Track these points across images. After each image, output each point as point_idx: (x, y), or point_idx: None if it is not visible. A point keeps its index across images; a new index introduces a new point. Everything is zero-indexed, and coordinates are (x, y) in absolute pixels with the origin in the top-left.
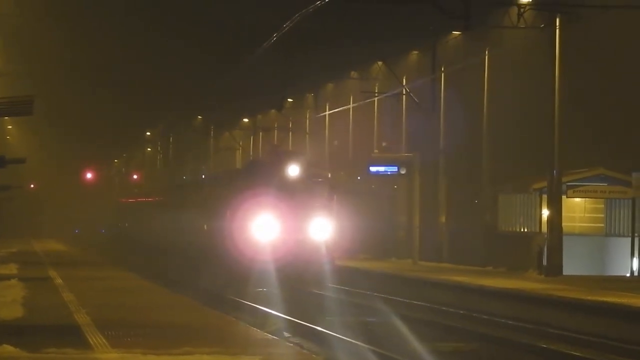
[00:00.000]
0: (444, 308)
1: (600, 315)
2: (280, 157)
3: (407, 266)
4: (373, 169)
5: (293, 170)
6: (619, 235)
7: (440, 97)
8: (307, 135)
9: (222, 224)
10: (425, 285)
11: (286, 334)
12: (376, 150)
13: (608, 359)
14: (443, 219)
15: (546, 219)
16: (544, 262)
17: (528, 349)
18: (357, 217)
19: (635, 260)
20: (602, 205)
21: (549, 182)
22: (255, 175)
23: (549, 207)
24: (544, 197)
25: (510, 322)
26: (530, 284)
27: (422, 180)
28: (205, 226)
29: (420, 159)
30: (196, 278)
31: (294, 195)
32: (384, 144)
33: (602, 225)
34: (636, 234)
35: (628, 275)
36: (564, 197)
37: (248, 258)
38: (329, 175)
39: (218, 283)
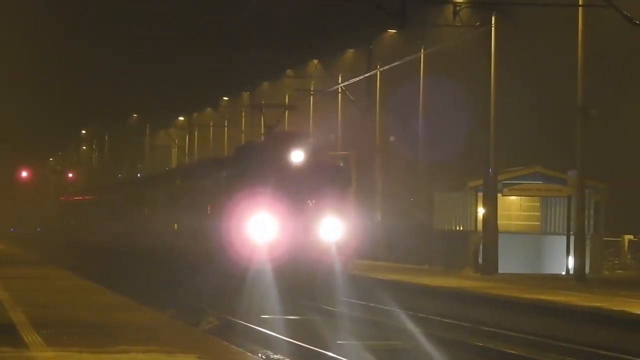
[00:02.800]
0: (377, 306)
1: (536, 313)
2: (279, 140)
3: None
4: None
5: (295, 155)
6: (555, 234)
7: (376, 95)
8: (242, 134)
9: (201, 223)
10: (359, 283)
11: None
12: None
13: (543, 356)
14: (379, 216)
15: (482, 217)
16: (480, 261)
17: (463, 347)
18: None
19: (570, 259)
20: (538, 204)
21: (484, 180)
22: (247, 163)
23: (484, 206)
24: (480, 195)
25: (445, 320)
26: (466, 282)
27: (359, 178)
28: (175, 226)
29: (357, 157)
30: (143, 280)
31: (296, 187)
32: (391, 138)
33: (538, 223)
34: (572, 233)
35: (563, 273)
36: (499, 195)
37: (233, 261)
38: (342, 164)
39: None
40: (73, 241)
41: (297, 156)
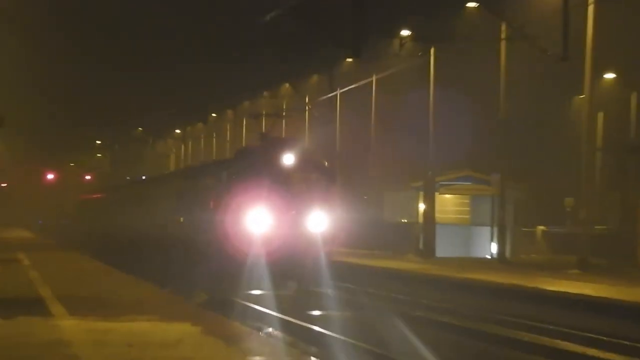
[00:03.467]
0: (338, 284)
1: (464, 289)
2: (273, 144)
3: None
4: None
5: (287, 157)
6: (482, 225)
7: (337, 112)
8: (227, 143)
9: (206, 217)
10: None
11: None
12: None
13: (467, 324)
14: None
15: (422, 211)
16: (420, 247)
17: (403, 316)
18: None
19: (494, 245)
20: (468, 200)
21: (424, 182)
22: (245, 163)
23: (424, 202)
24: (421, 193)
25: (392, 294)
26: (410, 264)
27: None
28: (181, 219)
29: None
30: (149, 264)
31: (287, 185)
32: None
33: (468, 216)
34: (494, 224)
35: (488, 257)
36: (437, 193)
37: (236, 252)
38: (326, 164)
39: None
40: (91, 232)
41: (288, 157)
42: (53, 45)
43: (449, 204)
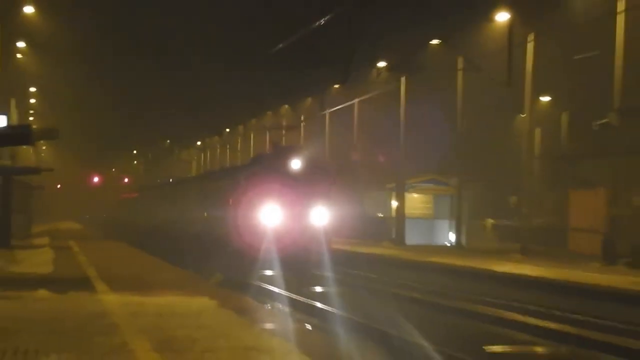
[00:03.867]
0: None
1: (429, 270)
2: (283, 151)
3: None
4: None
5: (294, 162)
6: (442, 219)
7: (326, 130)
8: (238, 153)
9: (227, 212)
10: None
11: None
12: None
13: (431, 298)
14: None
15: (395, 208)
16: (393, 236)
17: (379, 292)
18: None
19: (452, 235)
20: (431, 198)
21: (396, 184)
22: (259, 167)
23: (397, 200)
24: (394, 193)
25: (370, 275)
26: (384, 250)
27: None
28: (205, 213)
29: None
30: (177, 251)
31: (297, 185)
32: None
33: (431, 211)
34: (453, 218)
35: (447, 244)
36: (406, 193)
37: (251, 241)
38: (329, 168)
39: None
40: (128, 225)
41: (295, 162)
42: (96, 69)
43: (416, 201)
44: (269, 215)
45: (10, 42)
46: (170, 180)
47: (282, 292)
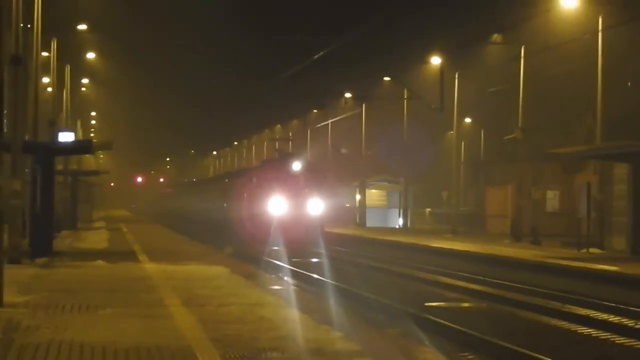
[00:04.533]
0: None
1: (384, 245)
2: (286, 157)
3: None
4: None
5: (296, 164)
6: (393, 208)
7: (307, 144)
8: (244, 160)
9: (242, 203)
10: None
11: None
12: None
13: (386, 266)
14: None
15: (358, 200)
16: (357, 221)
17: (349, 262)
18: None
19: (400, 220)
20: (385, 193)
21: (359, 182)
22: (268, 168)
23: (359, 194)
24: (358, 189)
25: (339, 248)
26: (350, 230)
27: None
28: (225, 204)
29: None
30: (204, 232)
31: (297, 182)
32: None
33: (385, 202)
34: (401, 207)
35: (397, 227)
36: (367, 189)
37: (261, 227)
38: (322, 170)
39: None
40: (165, 213)
41: (296, 165)
42: (139, 97)
43: (374, 195)
44: (275, 205)
45: (77, 78)
46: (194, 179)
47: (278, 262)
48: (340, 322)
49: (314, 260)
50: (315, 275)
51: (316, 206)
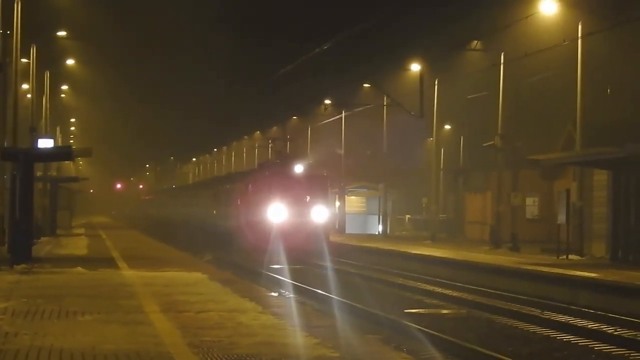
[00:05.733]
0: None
1: (364, 251)
2: (288, 159)
3: None
4: None
5: (297, 168)
6: (372, 214)
7: (287, 148)
8: (223, 167)
9: (238, 209)
10: None
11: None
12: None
13: (365, 272)
14: None
15: (338, 206)
16: (337, 227)
17: (324, 268)
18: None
19: (380, 226)
20: (364, 199)
21: (339, 189)
22: (268, 172)
23: (339, 201)
24: (337, 195)
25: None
26: (331, 237)
27: None
28: (214, 211)
29: None
30: (182, 238)
31: (299, 187)
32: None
33: (364, 209)
34: (380, 213)
35: (376, 233)
36: (346, 196)
37: (260, 235)
38: (325, 174)
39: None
40: (143, 219)
41: (298, 168)
42: (118, 104)
43: (353, 201)
44: (275, 212)
45: (56, 85)
46: (174, 186)
47: (254, 268)
48: (319, 328)
49: (295, 267)
50: (294, 282)
51: (320, 213)
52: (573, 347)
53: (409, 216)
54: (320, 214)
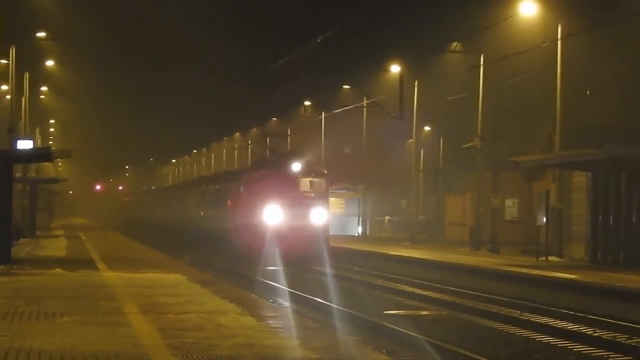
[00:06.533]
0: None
1: (344, 253)
2: (284, 157)
3: None
4: None
5: (296, 165)
6: (352, 215)
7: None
8: (202, 168)
9: (230, 211)
10: None
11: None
12: None
13: (343, 273)
14: None
15: None
16: None
17: (304, 270)
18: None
19: (359, 228)
20: (344, 201)
21: None
22: (262, 170)
23: None
24: None
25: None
26: None
27: None
28: (201, 212)
29: None
30: (162, 239)
31: (295, 188)
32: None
33: (344, 210)
34: (360, 215)
35: (356, 234)
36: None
37: (255, 239)
38: (325, 172)
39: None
40: (123, 220)
41: (297, 166)
42: (97, 107)
43: (333, 202)
44: (271, 214)
45: (36, 87)
46: (153, 187)
47: (234, 269)
48: (298, 330)
49: (273, 268)
50: (271, 283)
51: (319, 215)
52: (553, 349)
53: (388, 217)
54: (318, 214)
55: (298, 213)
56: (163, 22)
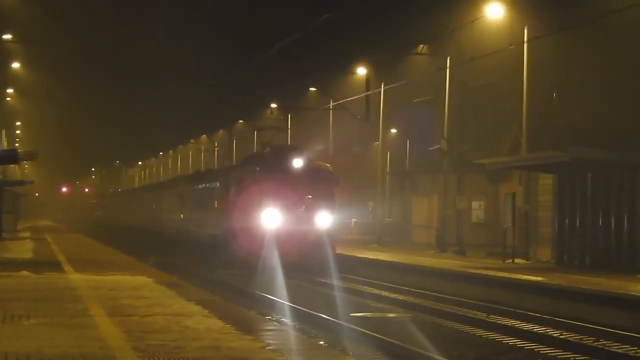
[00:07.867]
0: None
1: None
2: (282, 150)
3: None
4: None
5: (296, 161)
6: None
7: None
8: (170, 171)
9: (221, 213)
10: None
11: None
12: None
13: (310, 276)
14: None
15: None
16: None
17: (272, 272)
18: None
19: None
20: None
21: None
22: (256, 166)
23: None
24: None
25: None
26: None
27: None
28: (181, 215)
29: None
30: (129, 242)
31: (295, 187)
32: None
33: None
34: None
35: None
36: None
37: (252, 243)
38: (330, 168)
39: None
40: (89, 222)
41: (297, 162)
42: (63, 109)
43: None
44: (269, 216)
45: (2, 89)
46: (119, 190)
47: (199, 271)
48: (264, 332)
49: (241, 271)
50: (238, 285)
51: (324, 217)
52: (519, 351)
53: (355, 220)
54: (323, 217)
55: (298, 215)
56: (129, 25)
